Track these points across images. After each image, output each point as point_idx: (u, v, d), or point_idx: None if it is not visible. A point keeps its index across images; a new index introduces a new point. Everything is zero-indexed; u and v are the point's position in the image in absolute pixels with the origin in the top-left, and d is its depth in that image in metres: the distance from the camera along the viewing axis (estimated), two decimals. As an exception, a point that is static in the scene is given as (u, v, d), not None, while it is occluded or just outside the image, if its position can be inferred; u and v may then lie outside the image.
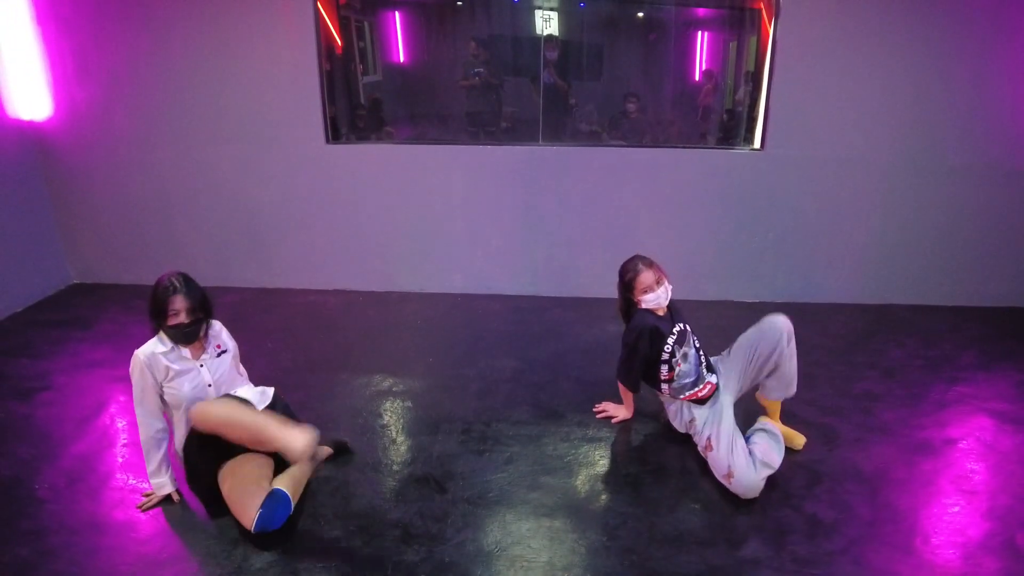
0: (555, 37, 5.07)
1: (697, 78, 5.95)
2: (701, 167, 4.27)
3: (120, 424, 2.85)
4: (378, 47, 5.65)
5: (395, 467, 2.53)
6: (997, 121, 4.02)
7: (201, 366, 2.29)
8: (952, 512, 2.31)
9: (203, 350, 2.31)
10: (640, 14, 5.80)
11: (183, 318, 2.18)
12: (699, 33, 5.86)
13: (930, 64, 3.96)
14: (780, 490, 2.41)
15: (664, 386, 2.65)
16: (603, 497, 2.37)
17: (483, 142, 4.56)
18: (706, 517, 2.26)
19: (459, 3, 5.50)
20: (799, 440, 2.72)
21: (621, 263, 2.72)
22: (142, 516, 2.25)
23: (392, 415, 2.93)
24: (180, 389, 2.24)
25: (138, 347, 2.25)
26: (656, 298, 2.60)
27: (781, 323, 2.56)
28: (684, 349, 2.61)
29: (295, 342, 3.71)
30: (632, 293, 2.64)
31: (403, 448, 2.66)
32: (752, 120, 4.47)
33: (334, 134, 4.27)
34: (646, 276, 2.59)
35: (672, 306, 2.71)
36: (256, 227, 4.49)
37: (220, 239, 4.55)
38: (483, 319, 4.12)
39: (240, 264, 4.59)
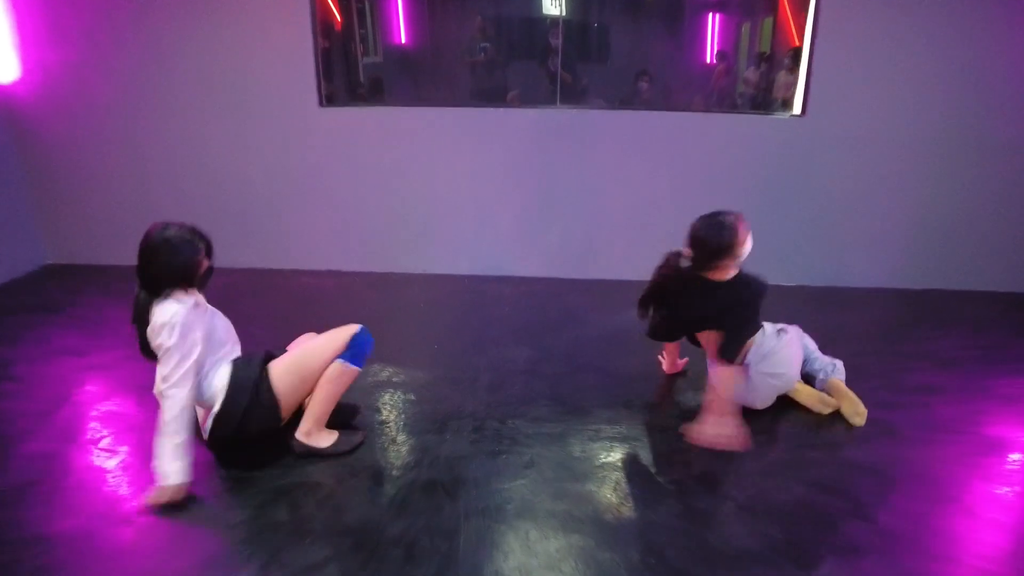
0: (559, 22, 4.77)
1: (710, 60, 5.74)
2: (736, 134, 3.91)
3: (87, 417, 2.50)
4: (379, 28, 5.44)
5: (396, 472, 2.18)
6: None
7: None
8: (1052, 526, 1.96)
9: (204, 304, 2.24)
10: None
11: (208, 260, 2.14)
12: (711, 15, 5.68)
13: (983, 29, 3.60)
14: (849, 498, 2.06)
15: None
16: (644, 509, 2.01)
17: (493, 105, 4.17)
18: (768, 531, 1.91)
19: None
20: (860, 414, 2.52)
21: (649, 240, 2.43)
22: (106, 528, 1.90)
23: (392, 410, 2.58)
24: (219, 331, 2.18)
25: (113, 332, 2.04)
26: (747, 251, 2.36)
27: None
28: None
29: (285, 329, 3.31)
30: (733, 252, 2.32)
31: (405, 449, 2.31)
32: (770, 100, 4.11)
33: (328, 98, 3.90)
34: (743, 228, 2.33)
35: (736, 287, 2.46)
36: (245, 202, 4.13)
37: (206, 215, 4.09)
38: (493, 304, 3.77)
39: (227, 243, 4.13)
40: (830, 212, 3.98)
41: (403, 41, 5.50)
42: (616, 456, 2.28)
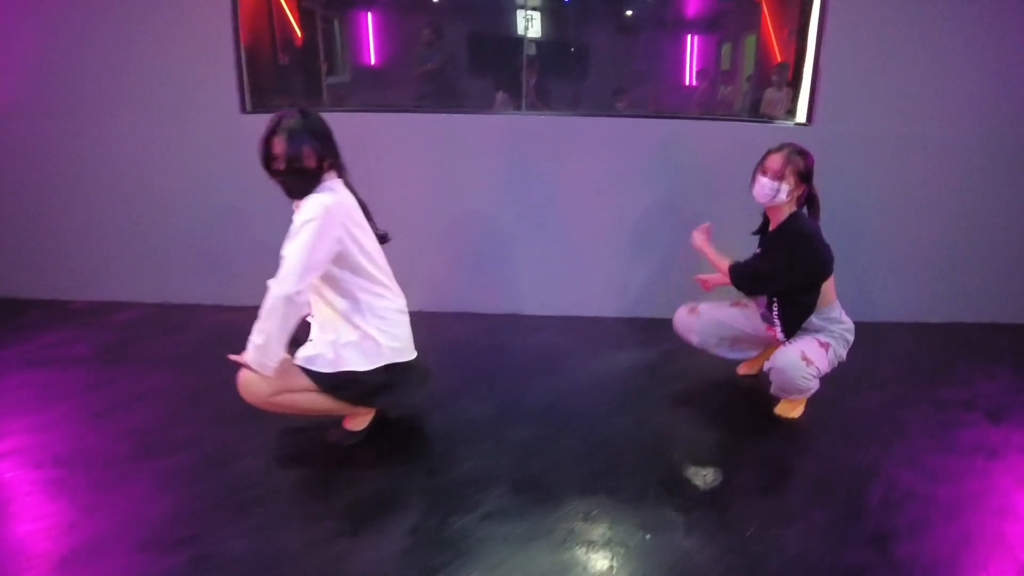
0: (532, 61, 4.45)
1: (689, 80, 5.44)
2: (736, 144, 3.36)
3: None
4: (348, 47, 5.11)
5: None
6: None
7: None
8: None
9: None
10: (629, 12, 5.39)
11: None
12: (690, 34, 5.43)
13: (1018, 17, 3.12)
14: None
15: None
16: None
17: (449, 110, 3.61)
18: None
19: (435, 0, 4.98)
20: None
21: (639, 268, 2.17)
22: None
23: (293, 499, 1.93)
24: None
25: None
26: (760, 187, 2.31)
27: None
28: None
29: (194, 378, 2.72)
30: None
31: (306, 562, 1.66)
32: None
33: (254, 102, 3.30)
34: (772, 159, 2.30)
35: (783, 231, 2.33)
36: (159, 223, 3.50)
37: (114, 238, 3.55)
38: (447, 346, 3.13)
39: (137, 272, 3.60)
40: (845, 234, 3.42)
41: (372, 60, 5.08)
42: (596, 572, 1.65)
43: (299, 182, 1.94)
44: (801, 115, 3.42)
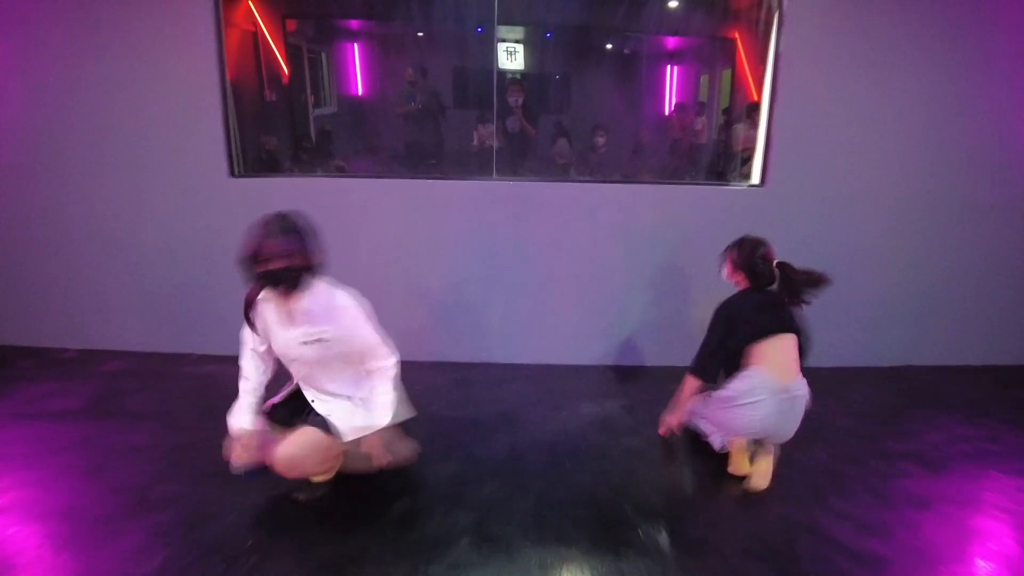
0: (520, 81, 4.60)
1: (669, 111, 5.67)
2: (692, 206, 3.60)
3: None
4: (335, 78, 5.33)
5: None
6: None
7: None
8: None
9: (292, 321, 2.14)
10: (609, 46, 5.59)
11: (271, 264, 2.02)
12: (670, 66, 5.68)
13: (957, 86, 3.41)
14: None
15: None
16: None
17: (422, 175, 3.83)
18: None
19: (420, 34, 5.14)
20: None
21: (599, 320, 2.30)
22: None
23: (285, 556, 2.05)
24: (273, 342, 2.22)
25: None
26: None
27: None
28: None
29: (170, 436, 2.80)
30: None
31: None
32: (730, 154, 3.95)
33: (244, 166, 3.49)
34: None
35: None
36: (146, 277, 3.65)
37: (103, 289, 3.68)
38: (419, 397, 3.21)
39: (126, 322, 3.72)
40: (797, 287, 3.66)
41: (360, 93, 5.32)
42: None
43: (297, 276, 2.09)
44: (756, 176, 3.66)
